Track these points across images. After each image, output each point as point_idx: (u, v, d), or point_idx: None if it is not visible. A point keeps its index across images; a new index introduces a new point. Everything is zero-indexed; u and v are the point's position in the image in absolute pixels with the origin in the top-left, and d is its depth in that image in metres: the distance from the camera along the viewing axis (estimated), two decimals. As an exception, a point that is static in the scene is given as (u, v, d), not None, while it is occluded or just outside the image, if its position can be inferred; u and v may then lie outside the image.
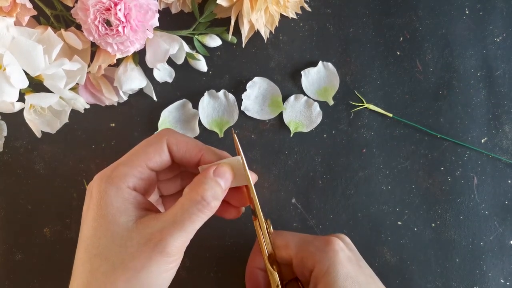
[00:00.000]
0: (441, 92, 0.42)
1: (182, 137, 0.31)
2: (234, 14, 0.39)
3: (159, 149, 0.30)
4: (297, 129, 0.42)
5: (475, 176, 0.42)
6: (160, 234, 0.27)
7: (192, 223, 0.27)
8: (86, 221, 0.28)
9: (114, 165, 0.29)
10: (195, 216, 0.27)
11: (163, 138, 0.30)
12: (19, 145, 0.41)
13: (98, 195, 0.28)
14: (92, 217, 0.28)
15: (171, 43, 0.37)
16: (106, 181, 0.28)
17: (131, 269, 0.26)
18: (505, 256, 0.41)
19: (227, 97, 0.42)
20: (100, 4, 0.33)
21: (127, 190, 0.28)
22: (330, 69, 0.42)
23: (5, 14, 0.34)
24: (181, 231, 0.27)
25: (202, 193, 0.28)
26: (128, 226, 0.27)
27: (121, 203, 0.28)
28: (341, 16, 0.43)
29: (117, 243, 0.27)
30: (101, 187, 0.28)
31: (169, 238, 0.26)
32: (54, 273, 0.41)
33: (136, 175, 0.29)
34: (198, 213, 0.28)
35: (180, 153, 0.30)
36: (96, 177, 0.29)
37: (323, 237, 0.32)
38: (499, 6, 0.43)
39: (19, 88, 0.33)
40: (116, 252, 0.26)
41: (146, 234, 0.27)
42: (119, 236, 0.27)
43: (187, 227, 0.27)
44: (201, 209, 0.28)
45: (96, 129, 0.41)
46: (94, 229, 0.27)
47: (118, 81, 0.38)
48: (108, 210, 0.27)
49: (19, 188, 0.41)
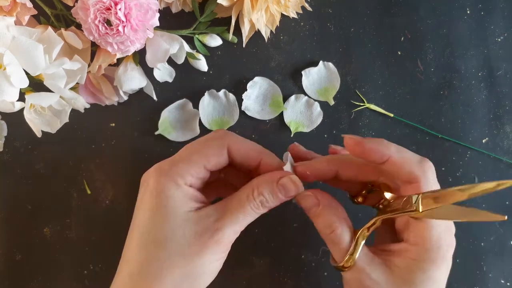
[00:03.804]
0: (442, 92, 0.42)
1: (243, 142, 0.32)
2: (235, 14, 0.39)
3: (219, 153, 0.31)
4: (297, 129, 0.42)
5: (476, 176, 0.42)
6: (217, 224, 0.29)
7: (245, 218, 0.29)
8: (142, 210, 0.29)
9: (173, 161, 0.30)
10: (249, 213, 0.29)
11: (224, 141, 0.31)
12: (19, 145, 0.41)
13: (157, 187, 0.29)
14: (150, 206, 0.29)
15: (172, 42, 0.37)
16: (166, 176, 0.29)
17: (187, 256, 0.28)
18: (505, 256, 0.41)
19: (228, 97, 0.41)
20: (100, 4, 0.33)
21: (185, 186, 0.30)
22: (331, 69, 0.42)
23: (5, 14, 0.34)
24: (235, 223, 0.29)
25: (259, 197, 0.30)
26: (186, 217, 0.29)
27: (180, 196, 0.29)
28: (342, 16, 0.42)
29: (175, 232, 0.28)
30: (160, 181, 0.29)
31: (224, 229, 0.28)
32: (54, 273, 0.41)
33: (193, 175, 0.30)
34: (251, 212, 0.30)
35: (240, 158, 0.31)
36: (154, 170, 0.30)
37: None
38: (500, 6, 0.43)
39: (19, 88, 0.33)
40: (174, 241, 0.28)
41: (203, 224, 0.28)
42: (177, 225, 0.28)
43: (241, 220, 0.29)
44: (255, 210, 0.30)
45: (96, 129, 0.41)
46: (152, 217, 0.29)
47: (118, 80, 0.38)
48: (168, 202, 0.29)
49: (19, 188, 0.41)
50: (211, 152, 0.30)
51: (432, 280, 0.29)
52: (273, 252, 0.41)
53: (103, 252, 0.41)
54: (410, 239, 0.30)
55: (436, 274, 0.29)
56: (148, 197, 0.29)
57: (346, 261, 0.30)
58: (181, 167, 0.30)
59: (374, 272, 0.29)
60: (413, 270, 0.29)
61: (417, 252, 0.29)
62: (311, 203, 0.31)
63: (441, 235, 0.29)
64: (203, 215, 0.29)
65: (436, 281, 0.29)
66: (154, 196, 0.29)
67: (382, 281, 0.29)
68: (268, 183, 0.30)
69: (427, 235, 0.29)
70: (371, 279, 0.29)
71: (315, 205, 0.31)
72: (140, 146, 0.41)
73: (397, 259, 0.30)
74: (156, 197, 0.29)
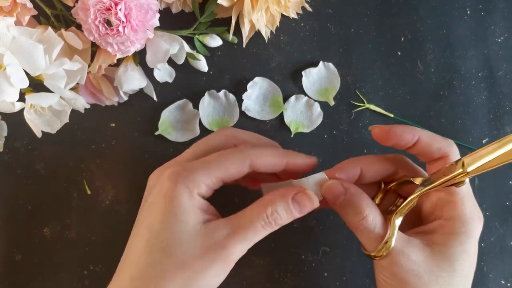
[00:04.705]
0: (442, 92, 0.42)
1: (264, 153, 0.31)
2: (235, 14, 0.39)
3: (239, 169, 0.30)
4: (297, 130, 0.42)
5: (476, 177, 0.42)
6: (226, 240, 0.28)
7: (255, 236, 0.28)
8: (154, 212, 0.29)
9: (191, 168, 0.29)
10: (259, 231, 0.28)
11: (246, 156, 0.30)
12: (19, 145, 0.41)
13: (172, 193, 0.28)
14: (162, 210, 0.28)
15: (172, 43, 0.37)
16: (182, 183, 0.28)
17: (191, 269, 0.27)
18: (506, 257, 0.41)
19: (228, 97, 0.41)
20: (100, 4, 0.33)
21: (197, 196, 0.29)
22: (331, 69, 0.42)
23: (5, 14, 0.34)
24: (245, 241, 0.28)
25: (271, 215, 0.28)
26: (196, 228, 0.28)
27: (192, 206, 0.28)
28: (342, 16, 0.42)
29: (183, 242, 0.28)
30: (176, 187, 0.28)
31: (233, 247, 0.28)
32: (54, 273, 0.41)
33: (208, 185, 0.29)
34: (262, 230, 0.28)
35: (264, 169, 0.31)
36: (171, 174, 0.29)
37: None
38: (501, 6, 0.43)
39: (19, 88, 0.33)
40: (181, 251, 0.27)
41: (212, 239, 0.28)
42: (186, 235, 0.28)
43: (251, 238, 0.28)
44: (266, 227, 0.28)
45: (96, 129, 0.41)
46: (162, 223, 0.28)
47: (118, 81, 0.38)
48: (180, 210, 0.28)
49: (19, 188, 0.41)
50: (232, 166, 0.30)
51: (468, 253, 0.30)
52: (273, 252, 0.41)
53: (103, 252, 0.41)
54: (444, 215, 0.30)
55: (471, 247, 0.30)
56: (161, 200, 0.29)
57: (380, 250, 0.29)
58: (198, 176, 0.29)
59: (413, 253, 0.29)
60: (452, 244, 0.29)
61: (454, 225, 0.30)
62: (338, 191, 0.30)
63: (473, 209, 0.30)
64: (213, 229, 0.28)
65: (470, 255, 0.30)
66: (168, 200, 0.28)
67: (421, 261, 0.29)
68: (282, 200, 0.29)
69: (462, 208, 0.30)
70: (411, 260, 0.29)
71: (341, 193, 0.30)
72: (140, 146, 0.41)
73: (434, 236, 0.30)
74: (170, 202, 0.28)
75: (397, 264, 0.29)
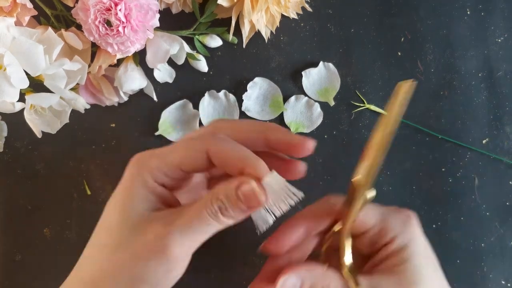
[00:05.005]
0: (442, 92, 0.42)
1: (225, 146, 0.27)
2: (235, 14, 0.39)
3: (195, 156, 0.28)
4: (297, 130, 0.42)
5: (476, 177, 0.42)
6: (167, 228, 0.26)
7: (201, 226, 0.26)
8: (113, 198, 0.29)
9: (153, 154, 0.28)
10: (205, 220, 0.26)
11: (204, 144, 0.28)
12: (19, 145, 0.41)
13: (127, 177, 0.28)
14: (116, 195, 0.28)
15: (172, 43, 0.37)
16: (139, 167, 0.28)
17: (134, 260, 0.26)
18: (506, 257, 0.41)
19: (228, 97, 0.41)
20: (100, 4, 0.33)
21: (153, 183, 0.28)
22: (331, 69, 0.42)
23: (5, 14, 0.34)
24: (188, 230, 0.26)
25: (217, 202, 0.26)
26: (142, 217, 0.27)
27: (144, 193, 0.27)
28: (342, 17, 0.42)
29: (127, 227, 0.27)
30: (133, 169, 0.28)
31: (174, 234, 0.26)
32: (54, 273, 0.41)
33: (166, 174, 0.28)
34: (208, 219, 0.26)
35: (219, 164, 0.28)
36: (133, 159, 0.29)
37: (400, 209, 0.31)
38: (501, 6, 0.43)
39: (19, 88, 0.33)
40: (125, 243, 0.26)
41: (155, 227, 0.26)
42: (130, 223, 0.27)
43: (196, 227, 0.26)
44: (212, 217, 0.26)
45: (96, 129, 0.41)
46: (112, 205, 0.28)
47: (118, 81, 0.38)
48: (130, 195, 0.28)
49: (19, 188, 0.41)
50: (187, 154, 0.28)
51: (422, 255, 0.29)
52: (273, 253, 0.41)
53: (103, 253, 0.40)
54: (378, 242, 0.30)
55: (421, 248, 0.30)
56: (120, 184, 0.28)
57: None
58: (155, 163, 0.28)
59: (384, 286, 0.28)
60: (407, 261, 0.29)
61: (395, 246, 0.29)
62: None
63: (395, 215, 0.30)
64: (159, 216, 0.27)
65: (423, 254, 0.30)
66: (123, 185, 0.28)
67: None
68: (227, 189, 0.26)
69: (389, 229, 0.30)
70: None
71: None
72: (140, 146, 0.41)
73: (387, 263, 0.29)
74: (124, 187, 0.28)
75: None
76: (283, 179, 0.27)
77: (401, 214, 0.31)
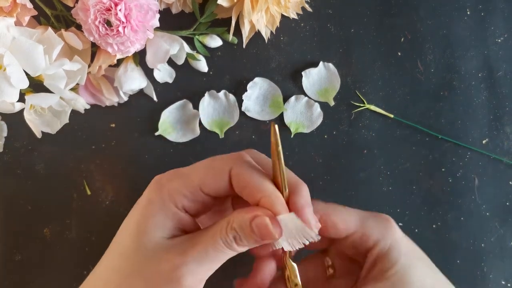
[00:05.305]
0: (442, 93, 0.42)
1: (249, 172, 0.27)
2: (235, 15, 0.39)
3: (217, 177, 0.27)
4: (297, 130, 0.42)
5: (476, 177, 0.42)
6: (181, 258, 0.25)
7: (216, 255, 0.26)
8: (129, 220, 0.28)
9: (174, 175, 0.28)
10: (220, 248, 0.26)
11: (228, 165, 0.27)
12: (19, 145, 0.41)
13: (146, 201, 0.27)
14: (134, 220, 0.27)
15: (172, 43, 0.37)
16: (158, 191, 0.27)
17: (143, 284, 0.26)
18: (506, 257, 0.41)
19: (228, 97, 0.41)
20: (100, 4, 0.33)
21: (172, 207, 0.27)
22: (331, 69, 0.42)
23: (5, 14, 0.34)
24: (203, 259, 0.26)
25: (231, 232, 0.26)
26: (157, 244, 0.26)
27: (161, 217, 0.27)
28: (342, 17, 0.42)
29: (142, 254, 0.26)
30: (152, 194, 0.27)
31: (188, 265, 0.25)
32: (54, 273, 0.41)
33: (187, 196, 0.27)
34: (223, 248, 0.26)
35: (238, 190, 0.27)
36: (154, 180, 0.28)
37: (378, 213, 0.31)
38: (501, 6, 0.43)
39: (19, 89, 0.33)
40: (136, 262, 0.26)
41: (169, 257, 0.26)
42: (146, 248, 0.26)
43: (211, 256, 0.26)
44: (227, 246, 0.26)
45: (96, 129, 0.41)
46: (127, 229, 0.27)
47: (118, 81, 0.38)
48: (149, 221, 0.27)
49: (19, 189, 0.41)
50: (209, 173, 0.27)
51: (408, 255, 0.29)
52: (273, 253, 0.41)
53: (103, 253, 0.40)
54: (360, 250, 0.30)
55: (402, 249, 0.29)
56: (139, 207, 0.28)
57: None
58: (175, 185, 0.27)
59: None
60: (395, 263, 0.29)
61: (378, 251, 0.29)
62: None
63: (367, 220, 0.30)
64: (175, 245, 0.26)
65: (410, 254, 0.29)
66: (142, 209, 0.27)
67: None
68: (242, 219, 0.26)
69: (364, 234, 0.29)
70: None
71: None
72: (140, 147, 0.41)
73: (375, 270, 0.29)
74: (142, 212, 0.27)
75: None
76: (300, 221, 0.26)
77: (379, 218, 0.30)
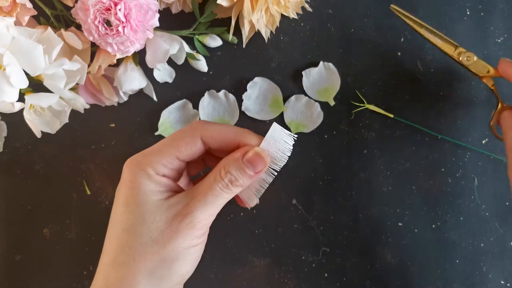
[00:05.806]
0: (442, 93, 0.42)
1: (216, 128, 0.31)
2: (235, 14, 0.39)
3: (190, 143, 0.31)
4: (298, 130, 0.42)
5: (475, 177, 0.42)
6: (187, 208, 0.29)
7: (216, 200, 0.29)
8: (117, 201, 0.30)
9: (145, 153, 0.31)
10: (218, 193, 0.29)
11: (196, 131, 0.31)
12: (19, 145, 0.41)
13: (129, 178, 0.29)
14: (123, 197, 0.29)
15: (171, 43, 0.37)
16: (137, 167, 0.30)
17: (159, 242, 0.28)
18: (505, 257, 0.41)
19: (228, 97, 0.41)
20: (100, 4, 0.33)
21: (157, 176, 0.30)
22: (331, 69, 0.42)
23: (5, 14, 0.34)
24: (206, 205, 0.29)
25: (226, 176, 0.29)
26: (157, 205, 0.29)
27: (151, 186, 0.29)
28: (342, 17, 0.42)
29: (146, 219, 0.28)
30: (132, 172, 0.30)
31: (195, 212, 0.29)
32: (54, 273, 0.41)
33: (165, 165, 0.30)
34: (221, 192, 0.29)
35: (216, 145, 0.31)
36: (127, 163, 0.30)
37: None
38: (500, 6, 0.43)
39: (19, 88, 0.33)
40: (145, 228, 0.28)
41: (173, 210, 0.29)
42: (148, 213, 0.29)
43: (212, 202, 0.29)
44: (224, 190, 0.29)
45: (96, 129, 0.41)
46: (124, 206, 0.29)
47: (118, 81, 0.38)
48: (139, 192, 0.29)
49: (19, 188, 0.41)
50: (182, 143, 0.30)
51: None
52: (273, 253, 0.41)
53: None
54: None
55: None
56: (123, 188, 0.30)
57: None
58: (152, 158, 0.30)
59: None
60: None
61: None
62: None
63: None
64: (174, 202, 0.29)
65: None
66: (128, 187, 0.29)
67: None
68: (234, 161, 0.30)
69: None
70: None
71: None
72: (140, 146, 0.41)
73: None
74: (130, 188, 0.29)
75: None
76: (279, 126, 0.31)
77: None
